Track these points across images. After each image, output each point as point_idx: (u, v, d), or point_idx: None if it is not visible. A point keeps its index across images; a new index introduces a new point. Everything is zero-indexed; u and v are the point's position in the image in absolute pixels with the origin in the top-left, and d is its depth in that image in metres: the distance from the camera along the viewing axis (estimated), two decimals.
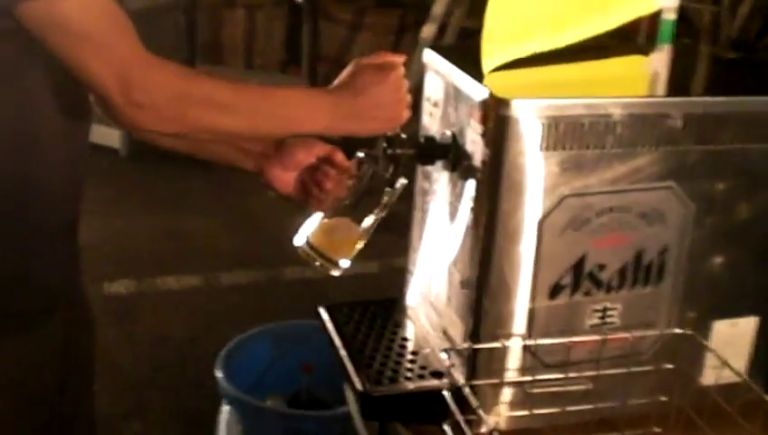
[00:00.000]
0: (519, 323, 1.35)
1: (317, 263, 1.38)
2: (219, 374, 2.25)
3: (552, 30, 1.44)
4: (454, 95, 1.39)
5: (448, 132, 1.40)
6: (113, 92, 1.15)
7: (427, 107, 1.48)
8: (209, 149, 1.41)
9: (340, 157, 1.39)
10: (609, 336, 1.34)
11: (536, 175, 1.28)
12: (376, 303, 1.62)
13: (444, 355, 1.31)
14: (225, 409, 2.29)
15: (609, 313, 1.39)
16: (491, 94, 1.27)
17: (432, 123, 1.46)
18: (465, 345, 1.32)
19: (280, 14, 5.71)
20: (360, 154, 1.38)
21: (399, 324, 1.56)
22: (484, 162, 1.29)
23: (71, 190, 1.37)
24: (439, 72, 1.44)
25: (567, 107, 1.26)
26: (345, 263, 1.39)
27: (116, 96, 1.15)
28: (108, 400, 2.90)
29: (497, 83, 1.31)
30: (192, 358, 3.15)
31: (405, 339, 1.52)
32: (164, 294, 3.62)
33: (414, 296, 1.59)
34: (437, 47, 1.49)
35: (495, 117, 1.26)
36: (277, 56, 5.78)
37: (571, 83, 1.42)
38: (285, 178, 1.43)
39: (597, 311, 1.39)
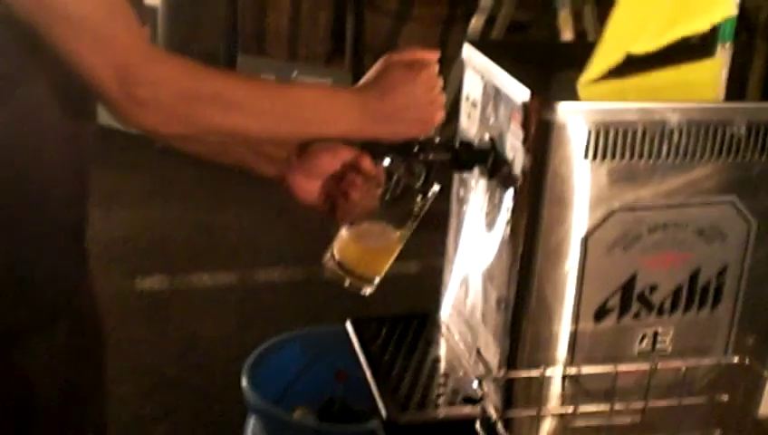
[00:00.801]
0: (560, 347, 1.23)
1: (346, 282, 1.27)
2: (245, 383, 2.15)
3: (644, 36, 1.30)
4: (493, 96, 1.27)
5: (486, 136, 1.28)
6: (110, 86, 1.05)
7: (465, 107, 1.37)
8: (227, 152, 1.30)
9: (367, 163, 1.26)
10: (661, 365, 1.22)
11: (582, 186, 1.15)
12: (407, 317, 1.51)
13: (475, 384, 1.19)
14: (252, 420, 2.19)
15: (659, 338, 1.27)
16: (533, 96, 1.14)
17: (471, 125, 1.35)
18: (501, 374, 1.21)
19: (325, 3, 5.60)
20: (389, 160, 1.27)
21: (431, 342, 1.45)
22: (524, 171, 1.17)
23: (76, 193, 1.28)
24: (478, 69, 1.32)
25: (618, 112, 1.14)
26: (377, 279, 1.28)
27: (114, 90, 1.05)
28: (136, 401, 2.83)
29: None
30: (222, 359, 3.05)
31: (436, 359, 1.40)
32: (197, 291, 3.53)
33: (447, 311, 1.48)
34: (478, 42, 1.37)
35: (538, 121, 1.13)
36: (322, 47, 5.67)
37: (639, 89, 1.29)
38: (309, 187, 1.29)
39: (647, 336, 1.26)
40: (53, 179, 1.22)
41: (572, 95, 1.15)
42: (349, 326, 1.48)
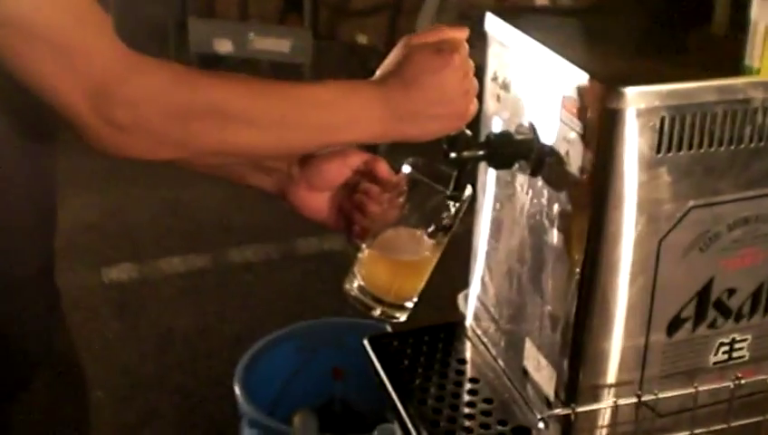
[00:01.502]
0: (629, 366, 1.05)
1: (376, 311, 1.09)
2: (238, 391, 1.96)
3: None
4: (533, 77, 1.07)
5: (525, 123, 1.08)
6: (83, 111, 0.84)
7: (492, 89, 1.17)
8: (221, 164, 1.09)
9: (383, 168, 1.08)
10: (744, 380, 1.05)
11: (654, 183, 0.97)
12: (431, 329, 1.32)
13: (541, 425, 1.01)
14: (247, 428, 1.99)
15: (736, 345, 1.10)
16: (594, 79, 0.95)
17: (500, 110, 1.15)
18: (564, 411, 1.02)
19: None
20: (410, 163, 1.07)
21: (464, 359, 1.26)
22: (582, 169, 0.98)
23: (42, 226, 1.06)
24: (508, 44, 1.12)
25: (695, 92, 0.95)
26: (412, 301, 1.09)
27: (88, 116, 0.84)
28: (114, 406, 2.62)
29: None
30: (203, 354, 2.86)
31: (474, 380, 1.22)
32: (169, 278, 3.31)
33: (480, 325, 1.29)
34: (502, 12, 1.16)
35: (601, 110, 0.94)
36: (273, 4, 5.40)
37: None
38: (315, 202, 1.11)
39: (723, 344, 1.09)
40: (16, 214, 1.00)
41: (640, 77, 0.95)
42: (367, 345, 1.28)
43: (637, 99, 0.93)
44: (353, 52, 4.85)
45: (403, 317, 1.11)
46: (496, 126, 1.15)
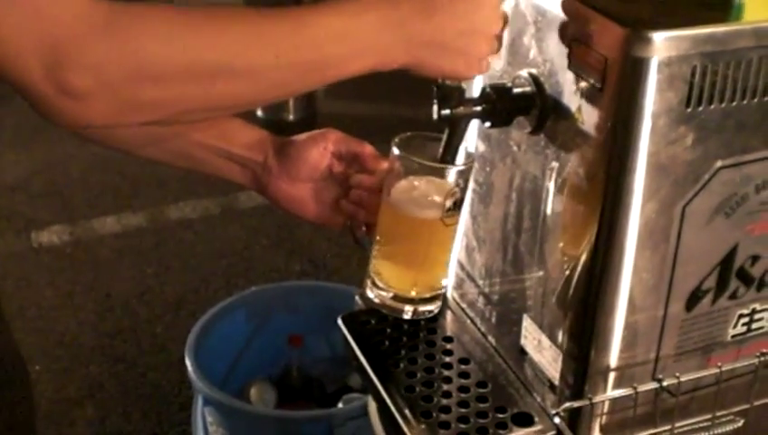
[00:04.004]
0: (643, 345, 0.95)
1: (407, 313, 1.04)
2: (189, 365, 1.81)
3: None
4: (535, 19, 0.94)
5: (524, 73, 0.95)
6: (37, 78, 0.70)
7: None
8: (187, 155, 1.01)
9: (369, 151, 1.01)
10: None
11: (681, 142, 0.85)
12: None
13: (557, 419, 0.90)
14: (201, 401, 1.85)
15: (756, 316, 1.00)
16: (615, 23, 0.82)
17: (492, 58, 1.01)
18: (581, 402, 0.91)
19: None
20: (397, 143, 0.97)
21: (450, 338, 1.14)
22: (598, 126, 0.86)
23: None
24: None
25: (730, 37, 0.82)
26: (442, 283, 1.05)
27: (42, 83, 0.70)
28: (54, 380, 2.46)
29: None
30: (145, 320, 2.69)
31: (464, 361, 1.10)
32: (104, 239, 3.12)
33: (465, 298, 1.17)
34: None
35: (623, 58, 0.81)
36: None
37: None
38: (298, 194, 1.04)
39: (743, 316, 0.99)
40: None
41: (668, 20, 0.82)
42: (342, 325, 1.15)
43: (666, 46, 0.80)
44: None
45: (436, 309, 1.05)
46: (488, 78, 1.01)
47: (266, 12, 0.80)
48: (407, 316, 1.04)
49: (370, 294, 1.04)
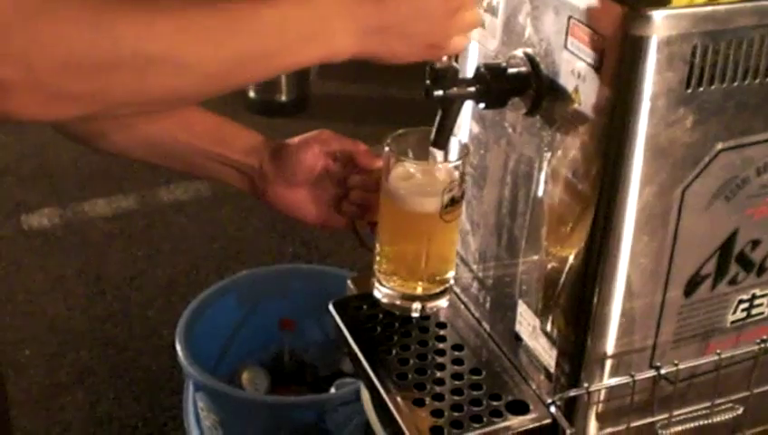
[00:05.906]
0: (641, 331, 0.93)
1: (415, 310, 1.02)
2: (180, 351, 1.79)
3: None
4: None
5: (519, 53, 0.93)
6: None
7: None
8: (185, 161, 1.02)
9: (362, 149, 1.01)
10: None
11: (681, 124, 0.82)
12: None
13: (553, 409, 0.88)
14: (192, 386, 1.83)
15: (756, 301, 0.98)
16: (613, 1, 0.79)
17: (485, 39, 0.99)
18: (578, 391, 0.89)
19: None
20: (389, 143, 0.96)
21: (443, 323, 1.12)
22: (596, 107, 0.83)
23: None
24: None
25: (732, 16, 0.80)
26: (450, 273, 1.02)
27: None
28: (44, 365, 2.44)
29: None
30: (137, 304, 2.67)
31: (458, 347, 1.08)
32: (94, 222, 3.09)
33: (458, 282, 1.15)
34: None
35: (622, 37, 0.79)
36: None
37: None
38: (295, 198, 1.03)
39: (743, 302, 0.97)
40: None
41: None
42: (333, 311, 1.13)
43: (665, 24, 0.78)
44: None
45: (444, 304, 1.04)
46: (480, 57, 0.99)
47: (206, 1, 0.77)
48: (415, 314, 1.02)
49: (377, 293, 1.03)
